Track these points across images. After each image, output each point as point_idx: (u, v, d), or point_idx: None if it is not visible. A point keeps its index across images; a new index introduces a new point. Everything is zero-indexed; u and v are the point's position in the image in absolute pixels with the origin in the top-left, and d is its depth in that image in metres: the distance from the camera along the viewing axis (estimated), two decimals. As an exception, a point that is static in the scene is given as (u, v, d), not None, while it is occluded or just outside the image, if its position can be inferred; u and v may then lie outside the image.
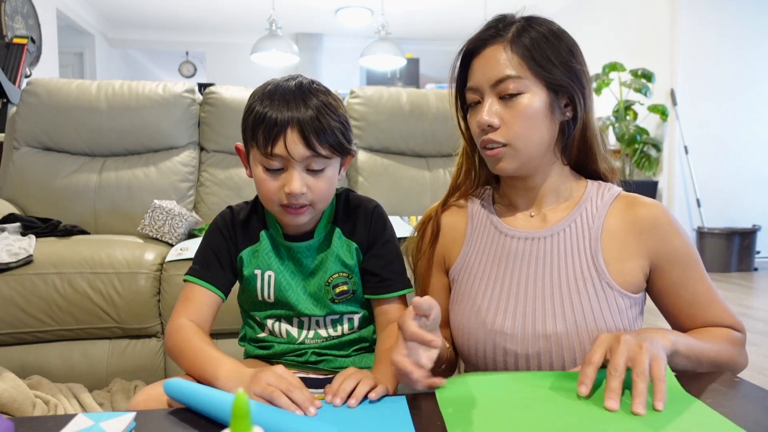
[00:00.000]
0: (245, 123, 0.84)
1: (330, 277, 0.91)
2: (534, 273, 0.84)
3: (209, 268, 0.89)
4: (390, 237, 0.94)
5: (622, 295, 0.81)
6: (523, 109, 0.80)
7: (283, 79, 0.85)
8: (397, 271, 0.92)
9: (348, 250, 0.92)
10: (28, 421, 0.64)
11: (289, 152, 0.78)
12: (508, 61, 0.81)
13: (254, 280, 0.92)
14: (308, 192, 0.81)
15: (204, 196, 2.12)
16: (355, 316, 0.94)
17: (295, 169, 0.80)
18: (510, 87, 0.80)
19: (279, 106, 0.79)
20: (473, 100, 0.85)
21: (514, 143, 0.81)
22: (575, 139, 0.87)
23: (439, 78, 7.64)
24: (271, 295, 0.92)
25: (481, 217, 0.93)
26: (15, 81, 3.14)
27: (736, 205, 4.56)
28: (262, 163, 0.81)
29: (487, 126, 0.81)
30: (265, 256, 0.92)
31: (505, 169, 0.84)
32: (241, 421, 0.35)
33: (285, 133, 0.78)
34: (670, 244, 0.82)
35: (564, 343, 0.79)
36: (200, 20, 6.94)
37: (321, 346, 0.94)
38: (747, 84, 4.55)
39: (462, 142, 0.94)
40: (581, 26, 5.72)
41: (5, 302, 1.48)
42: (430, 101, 2.27)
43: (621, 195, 0.87)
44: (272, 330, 0.95)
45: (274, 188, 0.82)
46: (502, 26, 0.84)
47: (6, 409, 1.24)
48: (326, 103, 0.81)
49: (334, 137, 0.81)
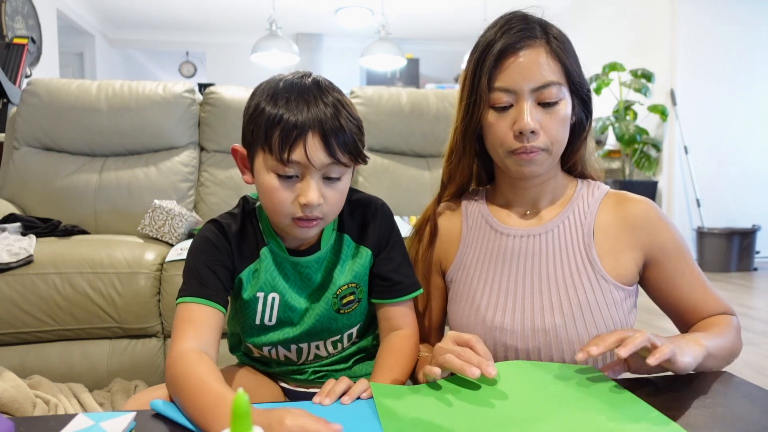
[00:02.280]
0: (253, 124, 0.74)
1: (339, 289, 0.84)
2: (530, 269, 0.85)
3: (206, 284, 0.77)
4: (398, 238, 0.88)
5: (616, 287, 0.83)
6: (561, 116, 0.80)
7: (296, 76, 0.76)
8: (407, 274, 0.87)
9: (360, 258, 0.85)
10: (29, 421, 0.64)
11: (309, 159, 0.70)
12: (552, 66, 0.79)
13: (255, 303, 0.82)
14: (323, 203, 0.74)
15: (204, 196, 2.13)
16: (354, 330, 0.89)
17: (313, 177, 0.72)
18: (552, 93, 0.79)
19: (298, 106, 0.71)
20: (504, 101, 0.80)
21: (551, 148, 0.81)
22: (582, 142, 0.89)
23: (439, 78, 7.64)
24: (273, 318, 0.83)
25: (476, 217, 0.93)
26: (15, 81, 3.14)
27: (735, 205, 4.56)
28: (275, 170, 0.72)
29: (531, 132, 0.78)
30: (269, 277, 0.82)
31: (537, 172, 0.83)
32: (241, 421, 0.35)
33: (305, 138, 0.70)
34: (662, 237, 0.85)
35: (562, 336, 0.81)
36: (200, 20, 6.94)
37: (321, 363, 0.90)
38: (747, 84, 4.55)
39: (451, 136, 0.90)
40: (581, 26, 5.72)
41: (5, 302, 1.48)
42: (430, 101, 2.28)
43: (610, 192, 0.89)
44: (269, 354, 0.88)
45: (287, 199, 0.73)
46: (527, 26, 0.81)
47: (6, 408, 1.24)
48: (343, 103, 0.75)
49: (353, 143, 0.74)
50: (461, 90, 0.86)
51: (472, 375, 0.66)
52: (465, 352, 0.69)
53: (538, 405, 0.64)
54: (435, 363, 0.71)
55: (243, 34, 7.26)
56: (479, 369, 0.66)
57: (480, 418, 0.62)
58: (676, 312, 0.88)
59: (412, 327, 0.87)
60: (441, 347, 0.73)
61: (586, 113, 0.87)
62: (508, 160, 0.83)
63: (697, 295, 0.86)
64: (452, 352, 0.70)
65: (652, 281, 0.87)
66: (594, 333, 0.80)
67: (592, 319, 0.81)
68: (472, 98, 0.83)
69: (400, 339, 0.85)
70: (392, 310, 0.86)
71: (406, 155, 2.29)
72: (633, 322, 0.87)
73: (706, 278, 0.88)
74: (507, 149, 0.81)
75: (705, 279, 0.88)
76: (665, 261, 0.85)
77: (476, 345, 0.71)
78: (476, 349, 0.70)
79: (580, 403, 0.65)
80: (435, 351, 0.74)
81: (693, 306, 0.86)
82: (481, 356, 0.69)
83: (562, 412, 0.62)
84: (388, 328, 0.87)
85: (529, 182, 0.88)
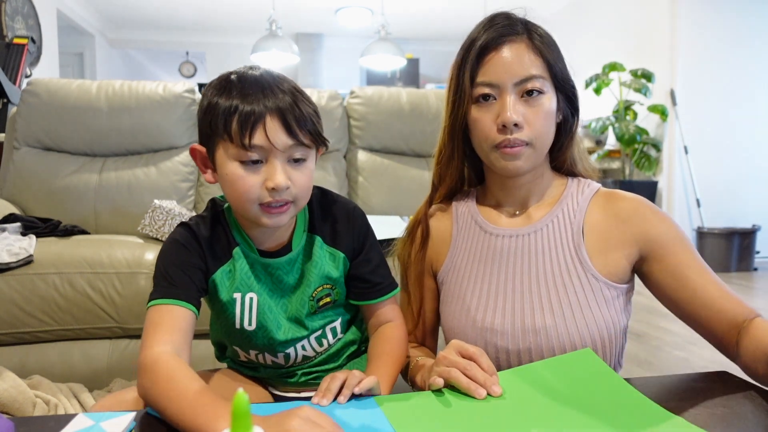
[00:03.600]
0: (210, 116, 0.73)
1: (314, 292, 0.84)
2: (520, 269, 0.85)
3: (176, 284, 0.75)
4: (374, 240, 0.89)
5: (608, 285, 0.82)
6: (545, 109, 0.81)
7: (245, 68, 0.77)
8: (385, 274, 0.89)
9: (333, 261, 0.85)
10: (29, 421, 0.64)
11: (270, 141, 0.70)
12: (533, 59, 0.81)
13: (232, 306, 0.81)
14: (291, 186, 0.73)
15: (204, 196, 2.13)
16: (336, 323, 0.89)
17: (278, 159, 0.72)
18: (536, 86, 0.80)
19: (253, 94, 0.71)
20: (484, 94, 0.82)
21: (535, 142, 0.81)
22: (569, 139, 0.88)
23: (439, 78, 7.64)
24: (252, 322, 0.82)
25: (466, 218, 0.93)
26: (15, 81, 3.14)
27: (736, 205, 4.56)
28: (238, 157, 0.72)
29: (513, 125, 0.79)
30: (244, 276, 0.81)
31: (522, 168, 0.83)
32: (241, 421, 0.35)
33: (264, 121, 0.70)
34: (656, 229, 0.82)
35: (553, 336, 0.80)
36: (200, 20, 6.94)
37: (311, 365, 0.90)
38: (747, 84, 4.55)
39: (441, 136, 0.91)
40: (581, 26, 5.72)
41: (5, 302, 1.48)
42: (430, 101, 2.28)
43: (600, 191, 0.89)
44: (255, 360, 0.88)
45: (253, 184, 0.72)
46: (510, 23, 0.83)
47: (6, 408, 1.24)
48: (298, 90, 0.76)
49: (312, 124, 0.74)
50: (448, 89, 0.88)
51: (478, 396, 0.66)
52: (471, 368, 0.69)
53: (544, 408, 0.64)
54: (440, 375, 0.71)
55: (243, 34, 7.25)
56: (485, 390, 0.67)
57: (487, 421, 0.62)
58: (692, 310, 0.79)
59: (399, 318, 0.90)
60: (446, 358, 0.72)
61: (573, 111, 0.87)
62: (492, 156, 0.83)
63: (713, 288, 0.78)
64: (457, 365, 0.70)
65: (656, 276, 0.82)
66: (585, 332, 0.80)
67: (582, 318, 0.80)
68: (457, 95, 0.85)
69: (388, 329, 0.87)
70: (378, 309, 0.88)
71: (406, 155, 2.29)
72: (627, 320, 0.86)
73: (718, 279, 0.80)
74: (491, 144, 0.82)
75: (717, 276, 0.80)
76: (664, 253, 0.81)
77: (481, 359, 0.71)
78: (481, 364, 0.70)
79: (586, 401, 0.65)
80: (438, 360, 0.73)
81: (710, 301, 0.77)
82: (486, 371, 0.69)
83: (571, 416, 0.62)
84: (376, 324, 0.89)
85: (517, 181, 0.88)
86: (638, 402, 0.64)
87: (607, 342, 0.81)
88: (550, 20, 6.13)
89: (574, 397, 0.66)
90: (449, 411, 0.65)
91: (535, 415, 0.63)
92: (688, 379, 0.72)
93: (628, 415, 0.61)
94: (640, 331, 2.52)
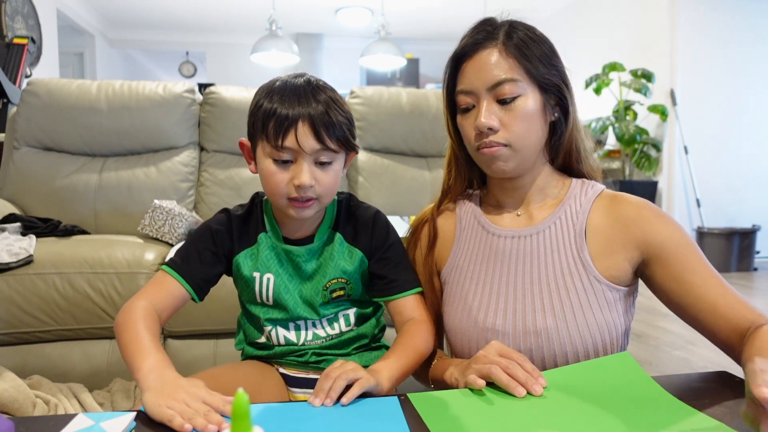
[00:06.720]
0: (253, 117, 0.85)
1: (328, 282, 0.92)
2: (522, 270, 0.85)
3: (188, 262, 0.88)
4: (395, 240, 0.94)
5: (609, 288, 0.82)
6: (521, 111, 0.81)
7: (291, 76, 0.86)
8: (404, 272, 0.93)
9: (349, 257, 0.93)
10: (29, 421, 0.64)
11: (300, 145, 0.80)
12: (504, 64, 0.81)
13: (252, 282, 0.92)
14: (316, 185, 0.82)
15: (204, 196, 2.13)
16: (350, 312, 0.95)
17: (305, 161, 0.81)
18: (507, 90, 0.81)
19: (289, 101, 0.81)
20: (466, 103, 0.85)
21: (513, 144, 0.82)
22: (564, 139, 0.88)
23: (439, 78, 7.57)
24: (269, 298, 0.92)
25: (469, 218, 0.94)
26: (15, 81, 3.14)
27: (735, 205, 4.56)
28: (272, 155, 0.82)
29: (488, 129, 0.81)
30: (264, 259, 0.91)
31: (502, 169, 0.84)
32: (241, 421, 0.35)
33: (296, 127, 0.79)
34: (659, 233, 0.81)
35: (554, 337, 0.80)
36: (200, 20, 6.94)
37: (321, 346, 0.95)
38: (747, 84, 4.55)
39: (449, 144, 0.95)
40: (581, 26, 5.72)
41: (5, 302, 1.48)
42: (430, 101, 2.28)
43: (605, 192, 0.88)
44: (270, 337, 0.95)
45: (282, 181, 0.82)
46: (491, 29, 0.84)
47: (6, 408, 1.24)
48: (334, 99, 0.84)
49: (341, 132, 0.83)
50: (443, 100, 0.92)
51: (518, 394, 0.66)
52: (512, 366, 0.70)
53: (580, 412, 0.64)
54: (479, 374, 0.71)
55: (243, 34, 7.25)
56: (524, 388, 0.67)
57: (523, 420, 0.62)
58: (695, 315, 0.79)
59: (422, 315, 0.91)
60: (485, 356, 0.73)
61: (565, 111, 0.86)
62: (477, 159, 0.87)
63: (716, 293, 0.77)
64: (499, 364, 0.70)
65: (658, 280, 0.81)
66: (586, 334, 0.80)
67: (584, 320, 0.80)
68: (447, 104, 0.91)
69: (409, 323, 0.90)
70: (399, 304, 0.92)
71: (406, 155, 2.29)
72: (629, 323, 0.86)
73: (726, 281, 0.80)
74: (473, 147, 0.85)
75: (725, 281, 0.79)
76: (667, 257, 0.80)
77: (525, 363, 0.71)
78: (524, 365, 0.70)
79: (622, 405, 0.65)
80: (477, 359, 0.74)
81: (713, 306, 0.77)
82: (529, 373, 0.69)
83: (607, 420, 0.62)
84: (401, 322, 0.92)
85: (514, 182, 0.88)
86: (675, 408, 0.64)
87: (609, 344, 0.81)
88: (550, 20, 6.14)
89: (611, 401, 0.66)
90: (484, 410, 0.65)
91: (571, 418, 0.62)
92: (688, 379, 0.72)
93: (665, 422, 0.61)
94: (640, 331, 2.52)
